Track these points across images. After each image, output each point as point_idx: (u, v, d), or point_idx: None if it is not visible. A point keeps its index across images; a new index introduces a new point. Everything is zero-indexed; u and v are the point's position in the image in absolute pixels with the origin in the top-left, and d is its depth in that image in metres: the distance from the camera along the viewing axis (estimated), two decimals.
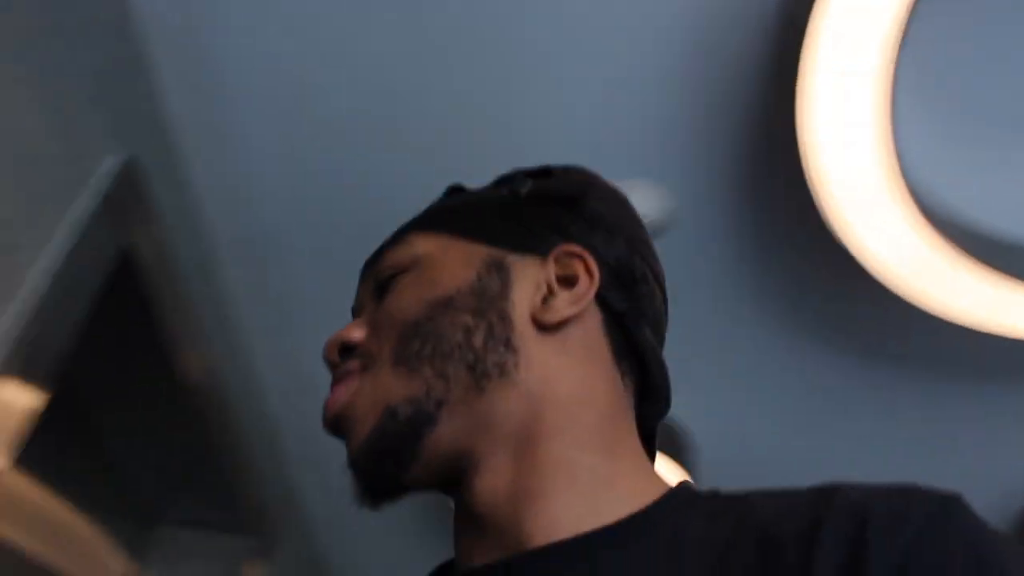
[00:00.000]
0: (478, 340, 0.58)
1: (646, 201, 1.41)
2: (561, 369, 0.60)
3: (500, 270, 0.62)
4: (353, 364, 0.62)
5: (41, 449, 1.45)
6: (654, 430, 0.70)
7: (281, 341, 1.82)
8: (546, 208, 0.67)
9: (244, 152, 1.45)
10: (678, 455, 1.91)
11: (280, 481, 1.97)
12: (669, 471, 1.88)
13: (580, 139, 1.34)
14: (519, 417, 0.58)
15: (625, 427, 0.62)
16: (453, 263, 0.63)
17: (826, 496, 0.51)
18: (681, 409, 1.85)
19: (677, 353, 1.67)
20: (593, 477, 0.57)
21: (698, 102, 1.29)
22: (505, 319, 0.60)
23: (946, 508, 0.48)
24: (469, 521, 0.59)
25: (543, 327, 0.60)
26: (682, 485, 0.59)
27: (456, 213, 0.69)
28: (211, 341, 1.61)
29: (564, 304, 0.61)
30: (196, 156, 1.46)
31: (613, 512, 0.55)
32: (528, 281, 0.62)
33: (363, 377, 0.61)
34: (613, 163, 1.34)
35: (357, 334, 0.63)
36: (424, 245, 0.66)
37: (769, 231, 1.47)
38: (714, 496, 0.57)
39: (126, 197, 1.27)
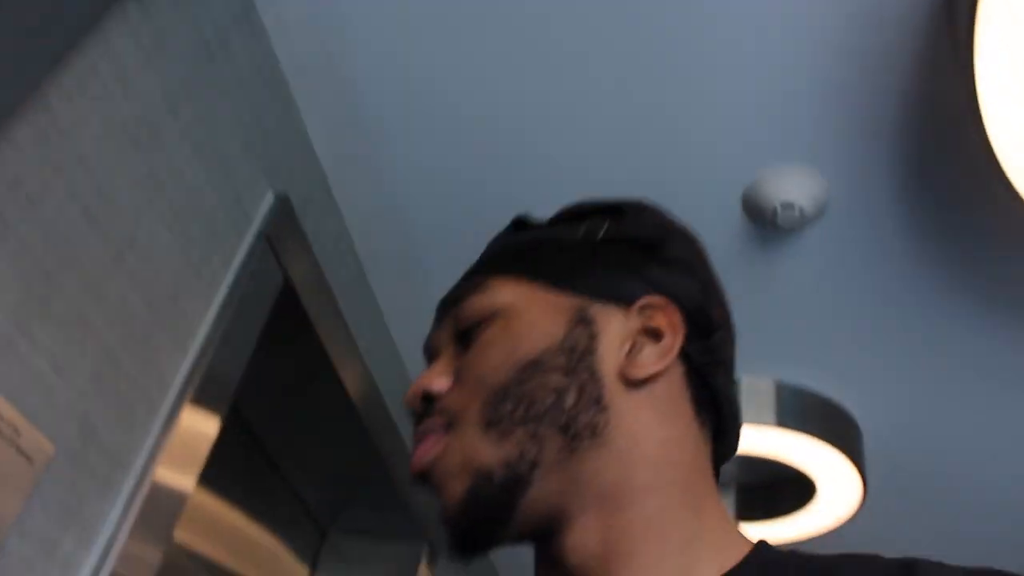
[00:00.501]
0: (570, 400, 0.58)
1: (801, 187, 1.36)
2: (649, 426, 0.59)
3: (586, 323, 0.61)
4: (437, 421, 0.62)
5: (223, 469, 1.57)
6: (718, 472, 0.68)
7: None
8: (625, 252, 0.66)
9: (390, 175, 1.50)
10: (850, 447, 1.85)
11: None
12: (841, 464, 1.82)
13: (732, 126, 1.30)
14: (611, 477, 0.57)
15: (709, 480, 0.62)
16: (538, 316, 0.62)
17: (905, 570, 0.51)
18: (850, 400, 1.80)
19: (843, 342, 1.64)
20: (683, 535, 0.57)
21: (851, 84, 1.22)
22: (595, 376, 0.59)
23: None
24: (556, 573, 0.59)
25: (630, 383, 0.59)
26: (762, 543, 0.59)
27: (535, 256, 0.68)
28: (370, 357, 1.68)
29: (651, 359, 0.60)
30: (344, 184, 1.53)
31: (702, 572, 0.55)
32: (613, 334, 0.61)
33: (450, 435, 0.60)
34: (767, 149, 1.30)
35: (439, 384, 0.63)
36: (506, 293, 0.65)
37: (931, 211, 1.38)
38: (793, 555, 0.57)
39: (282, 231, 1.34)
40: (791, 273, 1.55)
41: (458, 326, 0.66)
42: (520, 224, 0.76)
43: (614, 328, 0.62)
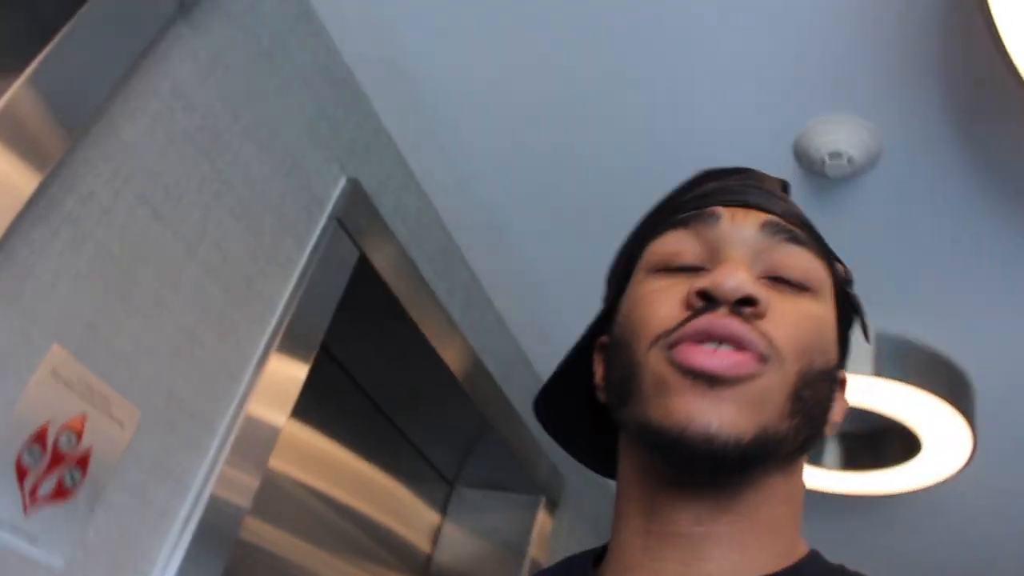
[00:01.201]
0: (822, 416, 0.62)
1: (854, 136, 1.34)
2: None
3: (838, 374, 0.65)
4: (756, 338, 0.57)
5: (357, 435, 1.77)
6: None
7: (532, 313, 1.97)
8: (850, 316, 0.69)
9: (460, 150, 1.59)
10: (956, 398, 1.79)
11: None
12: (947, 415, 1.77)
13: (782, 75, 1.30)
14: (791, 487, 0.63)
15: None
16: (833, 337, 0.64)
17: None
18: (956, 350, 1.73)
19: (930, 290, 1.59)
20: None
21: (895, 31, 1.19)
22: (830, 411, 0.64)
23: None
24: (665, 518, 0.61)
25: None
26: (814, 552, 0.63)
27: (834, 269, 0.67)
28: (468, 327, 1.80)
29: (833, 429, 0.65)
30: (423, 163, 1.63)
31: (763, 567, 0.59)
32: (839, 395, 0.66)
33: (768, 367, 0.57)
34: (816, 99, 1.29)
35: (764, 298, 0.58)
36: (826, 285, 0.64)
37: (989, 149, 1.32)
38: (843, 570, 0.60)
39: (355, 212, 1.46)
40: (856, 221, 1.52)
41: (778, 262, 0.62)
42: (785, 186, 0.74)
43: (838, 392, 0.66)
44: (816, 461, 2.07)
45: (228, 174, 1.23)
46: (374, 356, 1.71)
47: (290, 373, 1.33)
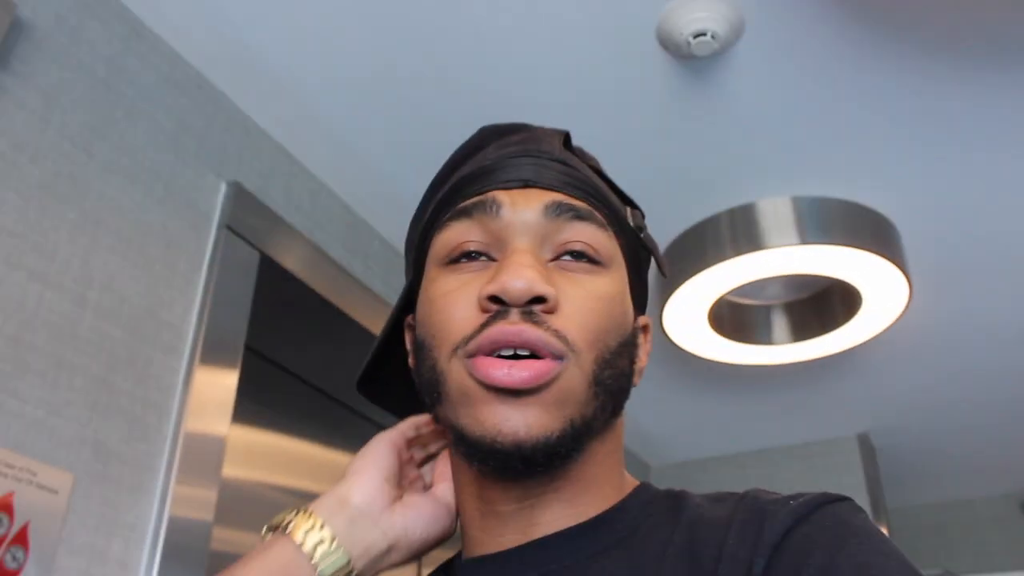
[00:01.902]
0: (627, 380, 0.64)
1: (713, 12, 1.34)
2: None
3: (638, 331, 0.67)
4: (550, 341, 0.57)
5: (306, 419, 1.75)
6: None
7: None
8: (646, 264, 0.71)
9: (336, 123, 1.56)
10: (887, 244, 1.82)
11: None
12: (875, 263, 1.80)
13: None
14: (609, 449, 0.65)
15: None
16: (626, 303, 0.65)
17: (741, 498, 0.58)
18: (868, 196, 1.75)
19: (831, 143, 1.60)
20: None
21: None
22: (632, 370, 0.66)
23: (830, 498, 0.55)
24: (506, 484, 0.63)
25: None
26: (643, 485, 0.66)
27: (622, 229, 0.68)
28: (386, 294, 1.79)
29: (640, 374, 0.67)
30: (299, 149, 1.60)
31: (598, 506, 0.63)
32: (640, 344, 0.68)
33: (563, 365, 0.57)
34: None
35: (552, 295, 0.58)
36: (616, 256, 0.65)
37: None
38: (668, 496, 0.64)
39: (244, 213, 1.44)
40: (735, 95, 1.52)
41: (563, 238, 0.63)
42: (574, 147, 0.72)
43: (640, 340, 0.68)
44: (766, 338, 2.10)
45: (98, 214, 1.20)
46: (306, 347, 1.70)
47: (220, 383, 1.32)
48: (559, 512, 0.61)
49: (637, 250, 0.69)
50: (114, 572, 1.12)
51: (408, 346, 0.72)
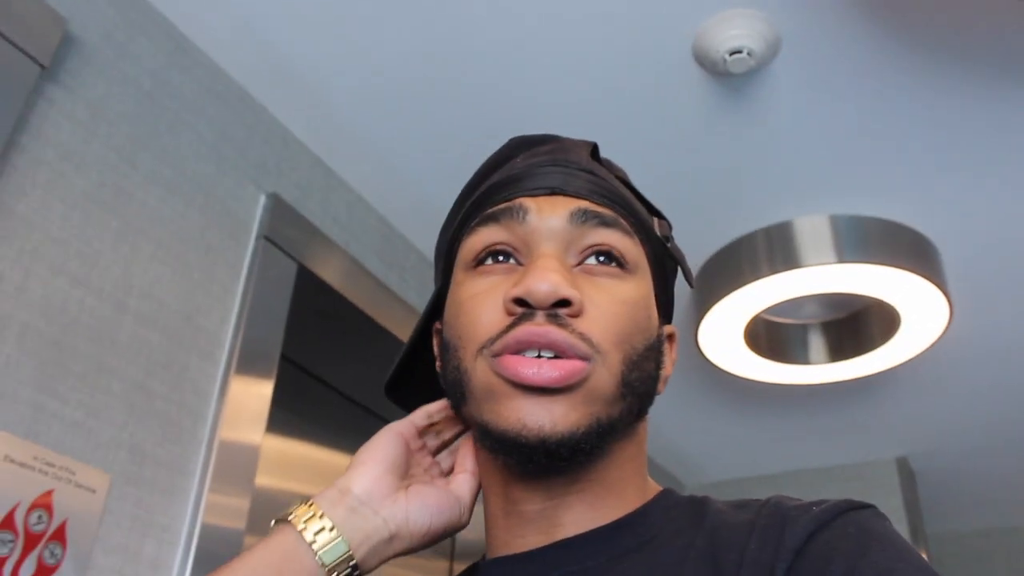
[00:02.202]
0: (653, 384, 0.65)
1: (749, 29, 1.34)
2: None
3: (663, 340, 0.69)
4: (577, 344, 0.58)
5: (341, 430, 1.78)
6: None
7: None
8: (672, 275, 0.72)
9: (373, 135, 1.59)
10: (927, 264, 1.79)
11: None
12: (916, 284, 1.79)
13: None
14: (633, 451, 0.67)
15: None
16: (653, 309, 0.66)
17: (764, 504, 0.59)
18: (910, 217, 1.73)
19: (873, 162, 1.59)
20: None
21: None
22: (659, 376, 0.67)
23: (853, 505, 0.56)
24: (530, 482, 0.65)
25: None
26: (667, 490, 0.67)
27: (650, 239, 0.69)
28: (420, 306, 1.81)
29: (665, 382, 0.68)
30: (336, 162, 1.63)
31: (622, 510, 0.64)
32: (665, 353, 0.69)
33: (591, 366, 0.58)
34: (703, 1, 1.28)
35: (577, 299, 0.60)
36: (643, 261, 0.66)
37: (886, 9, 1.30)
38: (692, 499, 0.65)
39: (282, 225, 1.46)
40: (771, 113, 1.52)
41: (594, 252, 0.64)
42: (601, 159, 0.74)
43: (665, 348, 0.69)
44: (803, 358, 2.08)
45: (140, 223, 1.23)
46: (342, 358, 1.73)
47: (255, 391, 1.34)
48: (582, 514, 0.62)
49: (663, 259, 0.70)
50: (147, 572, 1.15)
51: (436, 351, 0.73)
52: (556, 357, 0.58)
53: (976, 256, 1.87)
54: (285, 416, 1.58)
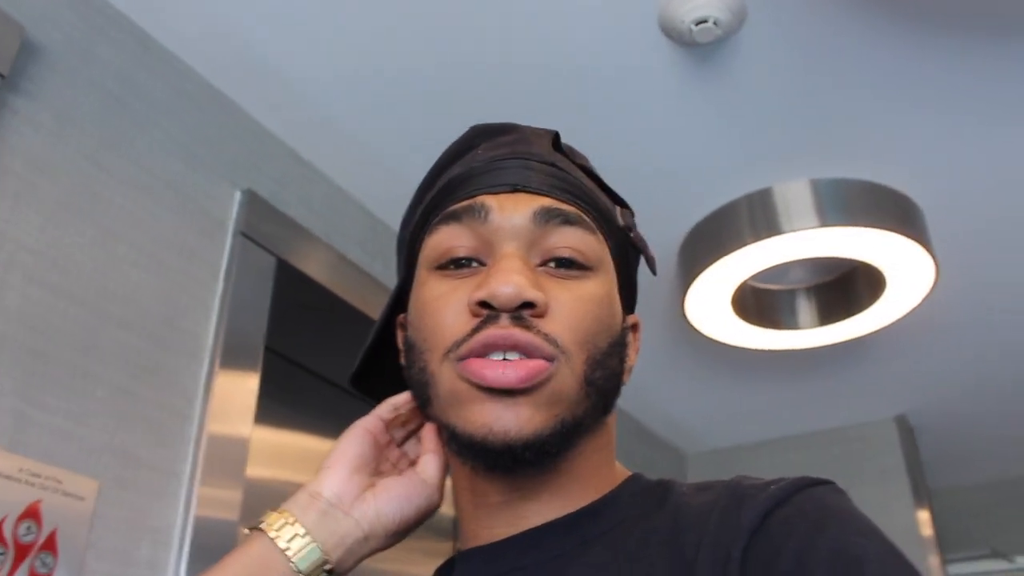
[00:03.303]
0: (617, 380, 0.65)
1: (718, 1, 1.33)
2: None
3: (628, 330, 0.69)
4: (541, 345, 0.58)
5: (334, 418, 1.78)
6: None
7: None
8: (635, 264, 0.72)
9: (348, 125, 1.58)
10: (909, 222, 1.79)
11: None
12: (899, 244, 1.79)
13: None
14: (601, 443, 0.67)
15: None
16: (614, 305, 0.66)
17: (726, 486, 0.59)
18: (889, 177, 1.73)
19: (839, 133, 1.58)
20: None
21: None
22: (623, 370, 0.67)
23: (811, 482, 0.56)
24: (498, 480, 0.65)
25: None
26: (635, 475, 0.67)
27: (611, 230, 0.68)
28: None
29: (630, 372, 0.68)
30: (312, 153, 1.62)
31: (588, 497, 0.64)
32: (629, 344, 0.69)
33: (554, 367, 0.59)
34: None
35: (541, 300, 0.59)
36: (604, 258, 0.66)
37: None
38: (657, 485, 0.65)
39: (259, 220, 1.46)
40: (741, 82, 1.51)
41: (557, 250, 0.63)
42: (563, 147, 0.73)
43: (629, 339, 0.69)
44: (792, 323, 2.08)
45: (115, 227, 1.23)
46: (328, 347, 1.73)
47: (241, 386, 1.35)
48: (548, 504, 0.62)
49: (626, 249, 0.70)
50: (142, 574, 1.16)
51: (400, 344, 0.73)
52: (522, 358, 0.58)
53: (960, 213, 1.86)
54: (274, 407, 1.58)
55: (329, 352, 1.75)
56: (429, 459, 0.68)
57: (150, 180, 1.30)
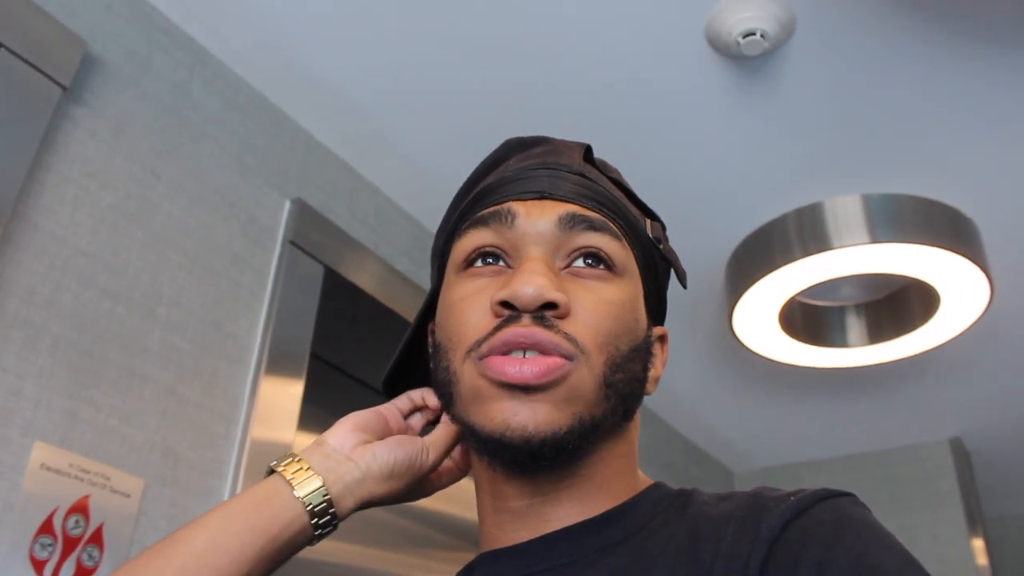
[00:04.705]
0: (639, 386, 0.66)
1: (762, 10, 1.33)
2: None
3: (655, 341, 0.70)
4: (561, 343, 0.59)
5: None
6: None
7: None
8: (665, 274, 0.73)
9: (398, 136, 1.60)
10: (964, 240, 1.76)
11: None
12: (954, 262, 1.75)
13: None
14: (623, 449, 0.68)
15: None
16: (639, 311, 0.67)
17: (747, 496, 0.59)
18: (944, 192, 1.70)
19: (891, 147, 1.56)
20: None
21: None
22: (646, 378, 0.68)
23: (831, 493, 0.56)
24: (519, 483, 0.66)
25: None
26: (657, 484, 0.68)
27: (639, 241, 0.69)
28: None
29: (656, 383, 0.69)
30: (362, 163, 1.66)
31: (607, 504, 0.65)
32: (656, 355, 0.70)
33: (574, 365, 0.60)
34: None
35: (564, 301, 0.61)
36: (630, 265, 0.66)
37: None
38: (681, 492, 0.66)
39: (308, 229, 1.49)
40: (788, 94, 1.50)
41: (582, 256, 0.65)
42: (595, 160, 0.73)
43: (656, 349, 0.70)
44: (840, 341, 2.05)
45: (166, 233, 1.27)
46: (373, 354, 1.75)
47: (286, 391, 1.38)
48: (569, 509, 0.63)
49: (655, 262, 0.70)
50: None
51: (430, 350, 0.75)
52: (540, 356, 0.59)
53: (1017, 229, 1.82)
54: (318, 413, 1.61)
55: (374, 360, 1.77)
56: (439, 427, 0.72)
57: (201, 188, 1.34)
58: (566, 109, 1.54)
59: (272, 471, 0.66)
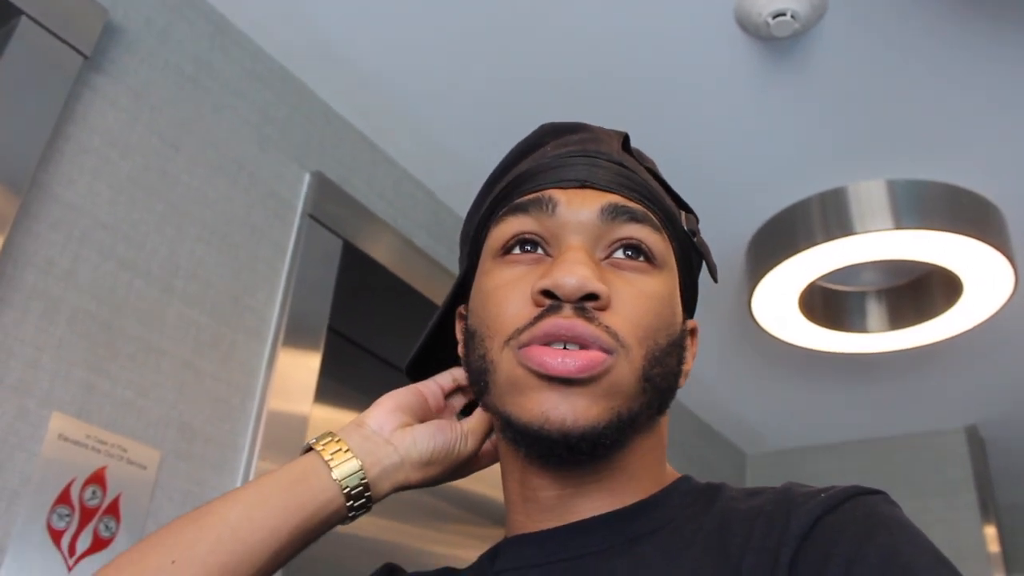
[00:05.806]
0: (674, 380, 0.65)
1: None
2: None
3: (687, 334, 0.69)
4: (601, 336, 0.59)
5: None
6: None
7: None
8: (697, 269, 0.72)
9: (418, 111, 1.59)
10: (989, 228, 1.73)
11: None
12: (979, 250, 1.73)
13: None
14: (652, 443, 0.67)
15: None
16: (675, 304, 0.66)
17: (776, 491, 0.59)
18: (968, 179, 1.67)
19: (919, 131, 1.53)
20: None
21: None
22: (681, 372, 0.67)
23: (862, 491, 0.56)
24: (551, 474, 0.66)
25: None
26: (685, 477, 0.67)
27: (678, 234, 0.68)
28: None
29: (686, 376, 0.68)
30: (381, 137, 1.64)
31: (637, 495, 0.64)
32: (687, 349, 0.69)
33: (615, 359, 0.59)
34: None
35: (605, 293, 0.60)
36: (668, 258, 0.66)
37: None
38: (709, 486, 0.65)
39: (326, 202, 1.49)
40: (817, 76, 1.47)
41: (622, 247, 0.64)
42: (632, 149, 0.73)
43: (688, 343, 0.69)
44: (860, 326, 2.03)
45: (185, 205, 1.26)
46: (390, 329, 1.75)
47: (303, 364, 1.38)
48: (599, 500, 0.63)
49: (689, 254, 0.70)
50: None
51: (459, 335, 0.74)
52: (581, 349, 0.59)
53: None
54: (334, 386, 1.61)
55: (391, 334, 1.77)
56: (476, 414, 0.72)
57: (221, 160, 1.33)
58: (591, 90, 1.52)
59: (310, 448, 0.66)
